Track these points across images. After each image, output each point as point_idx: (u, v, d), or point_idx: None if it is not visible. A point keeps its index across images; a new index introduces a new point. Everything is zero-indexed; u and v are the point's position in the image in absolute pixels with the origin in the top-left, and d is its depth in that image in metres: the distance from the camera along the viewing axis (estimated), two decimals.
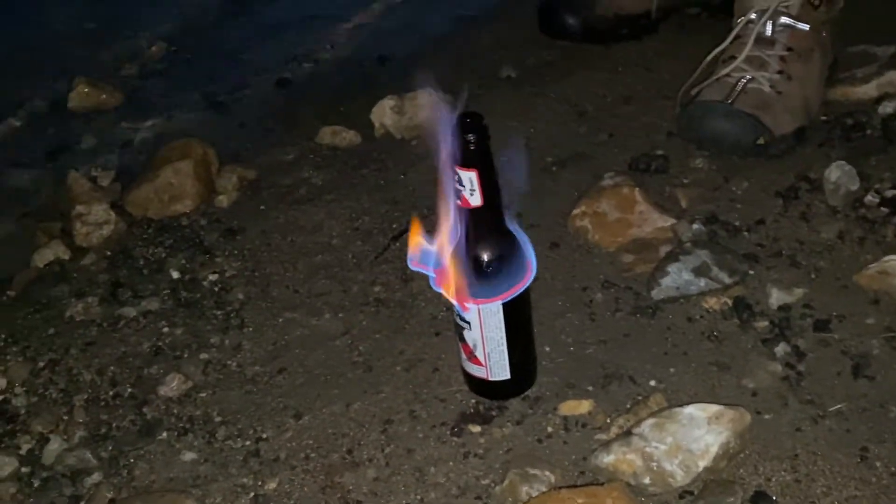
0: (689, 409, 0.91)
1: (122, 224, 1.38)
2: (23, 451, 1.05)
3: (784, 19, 1.31)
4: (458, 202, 0.90)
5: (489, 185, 0.90)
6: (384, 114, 1.53)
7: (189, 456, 1.01)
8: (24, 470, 1.03)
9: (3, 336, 1.22)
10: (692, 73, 1.38)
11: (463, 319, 0.96)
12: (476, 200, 0.90)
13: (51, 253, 1.35)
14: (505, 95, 1.54)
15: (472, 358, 0.99)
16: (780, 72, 1.31)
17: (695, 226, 1.20)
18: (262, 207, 1.40)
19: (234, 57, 1.87)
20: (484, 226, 0.92)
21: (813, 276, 1.12)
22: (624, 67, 1.58)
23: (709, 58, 1.36)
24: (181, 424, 1.06)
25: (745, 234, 1.19)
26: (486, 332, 0.96)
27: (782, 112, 1.30)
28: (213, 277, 1.27)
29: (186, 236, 1.36)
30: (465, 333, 0.97)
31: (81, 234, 1.36)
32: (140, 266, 1.32)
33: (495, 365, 0.98)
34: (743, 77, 1.30)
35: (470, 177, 0.89)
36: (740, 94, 1.30)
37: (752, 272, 1.12)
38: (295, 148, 1.53)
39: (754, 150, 1.30)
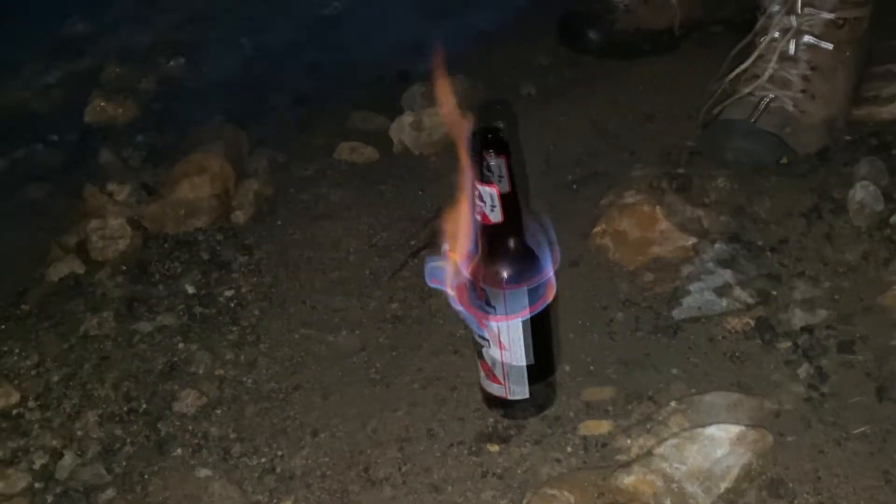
0: (711, 430, 0.89)
1: (137, 238, 1.37)
2: (36, 467, 1.04)
3: (807, 38, 1.30)
4: (479, 218, 0.89)
5: (510, 202, 0.89)
6: (402, 130, 1.53)
7: (204, 473, 1.01)
8: (37, 485, 1.02)
9: (17, 350, 1.21)
10: (714, 91, 1.37)
11: (482, 337, 0.95)
12: (497, 217, 0.89)
13: (66, 267, 1.34)
14: (525, 112, 1.53)
15: (491, 376, 0.98)
16: (803, 90, 1.30)
17: (717, 245, 1.18)
18: (278, 223, 1.40)
19: (253, 73, 1.87)
20: (504, 242, 0.91)
21: (836, 296, 1.10)
22: (645, 85, 1.58)
23: (731, 76, 1.35)
24: (196, 441, 1.05)
25: (768, 254, 1.18)
26: (505, 350, 0.94)
27: (806, 131, 1.29)
28: (228, 293, 1.26)
29: (202, 251, 1.35)
30: (484, 351, 0.96)
31: (97, 248, 1.35)
32: (155, 281, 1.31)
33: (514, 383, 0.97)
34: (766, 96, 1.30)
35: (491, 193, 0.88)
36: (763, 113, 1.29)
37: (774, 292, 1.11)
38: (313, 164, 1.53)
39: (777, 170, 1.29)
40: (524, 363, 0.95)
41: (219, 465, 1.01)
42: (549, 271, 0.93)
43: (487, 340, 0.95)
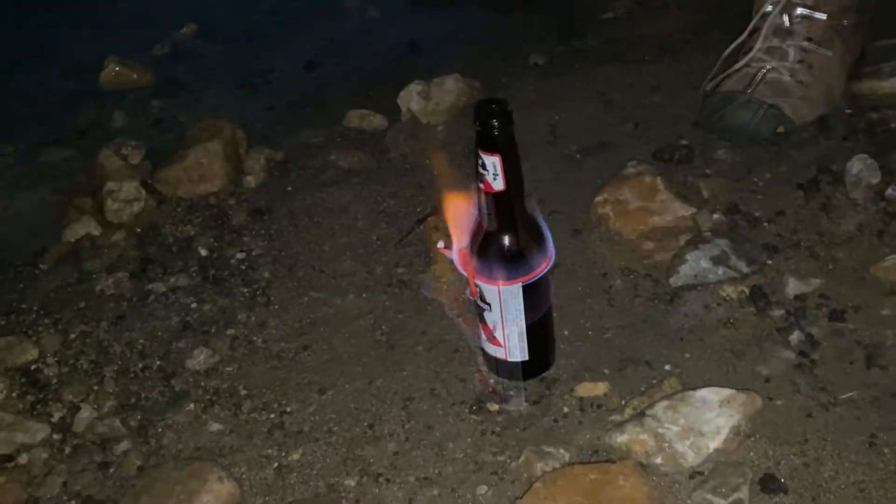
0: (702, 393, 0.93)
1: (151, 202, 1.41)
2: (55, 419, 1.08)
3: (800, 10, 1.32)
4: (481, 186, 0.92)
5: (512, 170, 0.91)
6: (411, 99, 1.55)
7: (215, 427, 1.04)
8: (55, 437, 1.06)
9: (35, 308, 1.25)
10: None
11: (484, 301, 0.98)
12: (499, 185, 0.92)
13: (82, 228, 1.38)
14: (532, 83, 1.56)
15: (492, 339, 1.01)
16: (800, 61, 1.32)
17: (715, 215, 1.21)
18: (289, 189, 1.43)
19: (265, 40, 1.89)
20: (506, 210, 0.94)
21: (830, 266, 1.13)
22: (652, 57, 1.60)
23: (728, 50, 1.37)
24: (208, 396, 1.09)
25: (766, 224, 1.21)
26: (505, 314, 0.98)
27: (803, 101, 1.32)
28: (240, 256, 1.30)
29: (215, 215, 1.39)
30: (486, 314, 1.00)
31: (112, 210, 1.39)
32: (169, 243, 1.35)
33: (514, 346, 1.00)
34: (763, 67, 1.32)
35: (493, 161, 0.90)
36: (760, 84, 1.32)
37: (770, 262, 1.14)
38: (323, 131, 1.56)
39: (775, 139, 1.31)
40: (524, 326, 0.99)
41: (230, 419, 1.05)
42: (549, 240, 0.97)
43: (489, 304, 0.98)
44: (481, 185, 0.93)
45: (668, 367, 1.03)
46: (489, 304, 0.98)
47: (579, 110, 1.50)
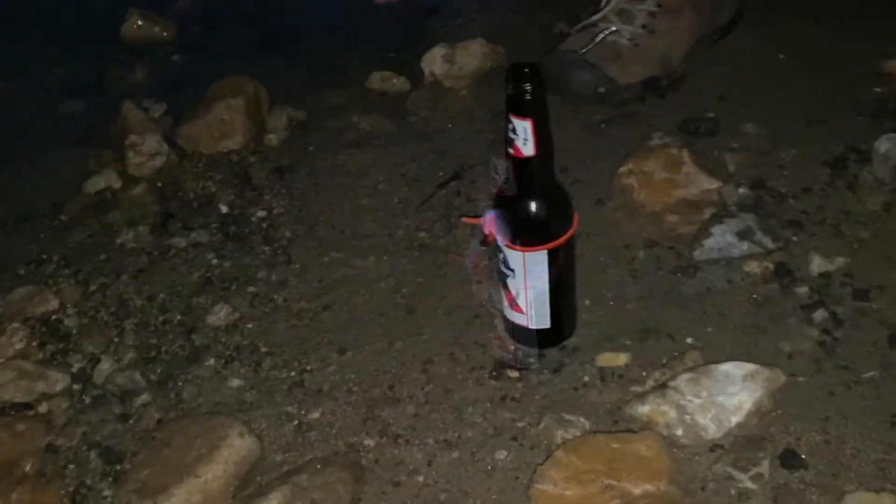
0: (726, 367, 0.92)
1: (173, 156, 1.40)
2: (74, 369, 1.09)
3: None
4: (511, 151, 0.92)
5: (543, 136, 0.91)
6: (434, 62, 1.54)
7: (235, 383, 1.05)
8: (75, 387, 1.07)
9: (55, 259, 1.25)
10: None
11: (507, 267, 0.98)
12: (529, 150, 0.91)
13: (103, 180, 1.38)
14: (555, 51, 1.54)
15: (514, 305, 1.01)
16: (644, 26, 1.39)
17: (741, 190, 1.20)
18: (310, 149, 1.42)
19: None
20: (535, 175, 0.94)
21: (855, 246, 1.12)
22: None
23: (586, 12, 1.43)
24: (228, 352, 1.09)
25: (791, 200, 1.20)
26: (529, 281, 0.98)
27: (632, 63, 1.38)
28: (261, 214, 1.30)
29: (236, 172, 1.38)
30: (509, 281, 0.99)
31: (134, 163, 1.39)
32: (190, 199, 1.34)
33: (536, 313, 1.00)
34: (607, 28, 1.39)
35: (525, 126, 0.90)
36: (596, 46, 1.38)
37: (795, 238, 1.13)
38: (345, 91, 1.55)
39: (596, 98, 1.38)
40: (547, 294, 0.98)
41: (250, 376, 1.06)
42: (572, 209, 0.96)
43: (513, 270, 0.98)
44: (510, 150, 0.92)
45: (689, 341, 1.03)
46: (513, 270, 0.98)
47: None
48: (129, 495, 0.90)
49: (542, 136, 0.91)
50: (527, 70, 0.90)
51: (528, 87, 0.89)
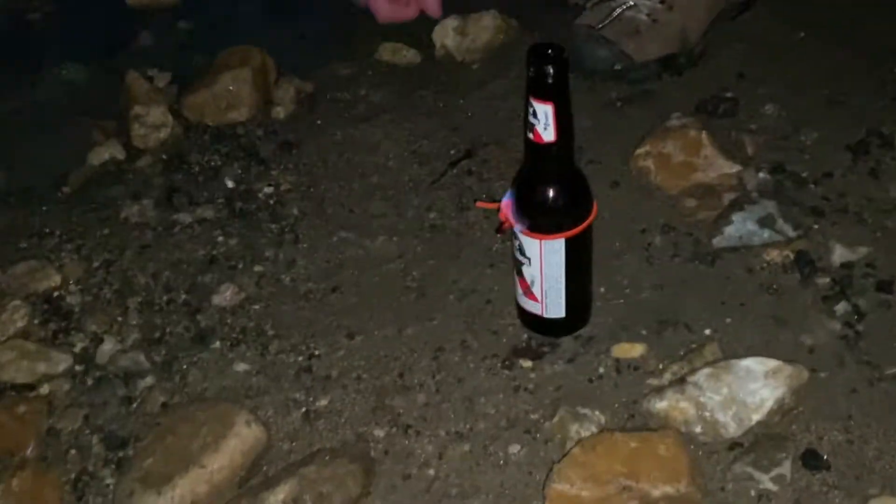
0: (747, 362, 0.90)
1: (178, 128, 1.37)
2: (77, 349, 1.06)
3: None
4: (531, 136, 0.89)
5: (564, 121, 0.88)
6: (446, 34, 1.50)
7: (242, 367, 1.02)
8: (77, 368, 1.04)
9: (58, 233, 1.22)
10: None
11: (523, 254, 0.96)
12: (549, 136, 0.88)
13: (106, 152, 1.34)
14: (571, 25, 1.50)
15: (529, 293, 0.98)
16: (662, 1, 1.34)
17: (761, 174, 1.18)
18: (318, 122, 1.39)
19: None
20: (554, 161, 0.91)
21: (878, 234, 1.10)
22: None
23: None
24: (234, 335, 1.06)
25: (812, 186, 1.17)
26: (545, 269, 0.95)
27: (650, 40, 1.34)
28: (268, 190, 1.26)
29: (242, 146, 1.35)
30: (524, 269, 0.97)
31: (138, 135, 1.35)
32: (195, 172, 1.31)
33: (551, 302, 0.98)
34: (625, 3, 1.34)
35: (546, 110, 0.87)
36: (613, 21, 1.34)
37: (816, 226, 1.11)
38: (354, 63, 1.51)
39: (612, 75, 1.35)
40: (563, 283, 0.96)
41: (256, 360, 1.03)
42: (592, 197, 0.94)
43: (528, 258, 0.95)
44: (530, 135, 0.89)
45: (707, 332, 1.00)
46: (529, 259, 0.95)
47: None
48: (132, 484, 0.88)
49: (564, 122, 0.88)
50: (550, 52, 0.86)
51: (550, 69, 0.86)
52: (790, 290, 1.04)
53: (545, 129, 0.88)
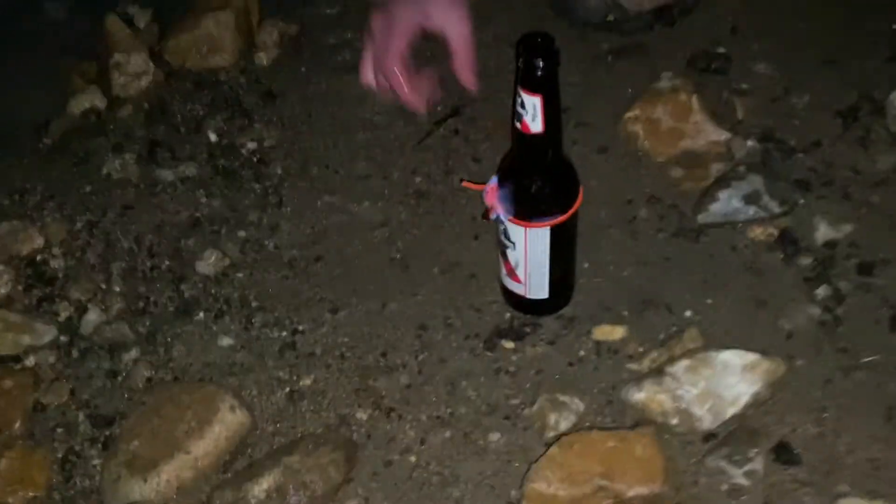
0: (725, 355, 0.91)
1: (159, 75, 1.34)
2: (61, 318, 1.07)
3: None
4: (518, 126, 0.88)
5: (552, 113, 0.87)
6: None
7: (226, 341, 1.03)
8: (62, 338, 1.05)
9: (39, 189, 1.21)
10: None
11: (507, 238, 0.96)
12: (537, 127, 0.87)
13: (87, 100, 1.32)
14: None
15: (513, 275, 0.99)
16: None
17: (749, 142, 1.17)
18: (302, 70, 1.36)
19: None
20: (542, 152, 0.90)
21: (864, 210, 1.09)
22: None
23: None
24: (218, 305, 1.07)
25: (800, 155, 1.16)
26: (530, 255, 0.95)
27: None
28: (251, 146, 1.25)
29: (225, 95, 1.33)
30: (508, 252, 0.97)
31: (119, 84, 1.33)
32: (177, 123, 1.29)
33: (535, 285, 0.98)
34: None
35: (534, 102, 0.86)
36: None
37: (802, 201, 1.10)
38: (340, 2, 1.47)
39: (605, 26, 1.33)
40: (547, 268, 0.96)
41: (241, 334, 1.04)
42: (578, 185, 0.93)
43: (513, 243, 0.95)
44: (518, 125, 0.88)
45: (688, 314, 1.01)
46: (513, 243, 0.96)
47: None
48: (118, 468, 0.89)
49: (552, 113, 0.87)
50: (541, 40, 0.85)
51: (540, 62, 0.84)
52: (773, 270, 1.05)
53: (533, 120, 0.87)
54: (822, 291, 1.02)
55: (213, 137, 1.27)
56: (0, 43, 1.44)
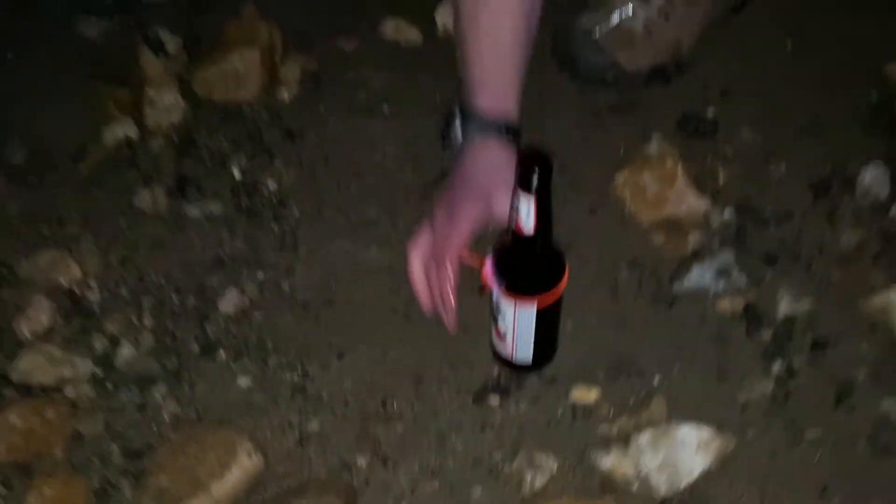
0: (684, 431, 1.04)
1: (189, 109, 1.44)
2: (98, 352, 1.18)
3: None
4: (513, 225, 0.99)
5: (544, 217, 0.97)
6: (448, 16, 1.55)
7: (244, 382, 1.15)
8: (97, 371, 1.16)
9: (76, 218, 1.32)
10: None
11: (499, 309, 1.07)
12: (529, 230, 0.98)
13: (121, 130, 1.42)
14: (571, 27, 1.55)
15: (502, 339, 1.11)
16: (659, 12, 1.39)
17: (726, 213, 1.27)
18: (321, 110, 1.46)
19: None
20: (533, 249, 1.01)
21: (824, 287, 1.20)
22: None
23: None
24: (237, 345, 1.18)
25: (772, 227, 1.26)
26: (517, 325, 1.07)
27: (643, 51, 1.40)
28: (272, 186, 1.35)
29: (248, 131, 1.43)
30: (499, 319, 1.09)
31: (151, 116, 1.43)
32: (204, 158, 1.40)
33: (520, 350, 1.10)
34: (625, 10, 1.39)
35: (529, 207, 0.96)
36: (611, 29, 1.39)
37: (768, 276, 1.21)
38: (357, 38, 1.56)
39: (602, 83, 1.42)
40: (532, 338, 1.08)
41: (257, 374, 1.16)
42: (565, 268, 1.04)
43: (503, 313, 1.07)
44: (513, 225, 0.99)
45: (657, 381, 1.13)
46: (503, 313, 1.07)
47: None
48: (149, 503, 1.02)
49: (544, 218, 0.98)
50: (537, 156, 0.95)
51: (536, 181, 0.94)
52: (736, 342, 1.16)
53: (526, 221, 0.98)
54: (776, 366, 1.13)
55: (237, 175, 1.37)
56: (35, 62, 1.55)
